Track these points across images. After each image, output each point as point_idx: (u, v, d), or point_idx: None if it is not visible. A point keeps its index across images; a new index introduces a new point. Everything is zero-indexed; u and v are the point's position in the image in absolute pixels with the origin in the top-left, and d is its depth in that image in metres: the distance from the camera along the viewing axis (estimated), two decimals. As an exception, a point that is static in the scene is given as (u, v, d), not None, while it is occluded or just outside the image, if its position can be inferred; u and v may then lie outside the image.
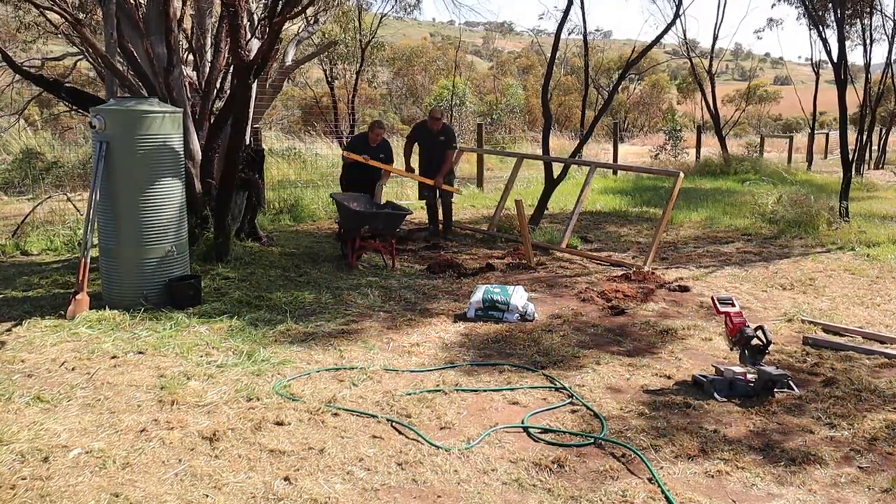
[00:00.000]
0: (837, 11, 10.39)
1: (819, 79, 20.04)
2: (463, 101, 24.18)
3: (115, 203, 5.50)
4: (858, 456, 3.44)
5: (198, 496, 2.98)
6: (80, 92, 7.77)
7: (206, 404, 3.83)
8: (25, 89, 16.35)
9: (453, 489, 3.10)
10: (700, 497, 3.07)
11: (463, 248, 8.15)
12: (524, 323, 5.44)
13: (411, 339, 5.03)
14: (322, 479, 3.14)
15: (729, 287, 6.55)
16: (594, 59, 25.11)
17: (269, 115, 19.38)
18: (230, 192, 6.88)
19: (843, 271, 7.17)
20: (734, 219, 10.07)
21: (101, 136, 5.42)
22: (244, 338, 4.89)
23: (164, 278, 5.61)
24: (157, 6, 7.09)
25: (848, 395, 4.13)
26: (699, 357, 4.77)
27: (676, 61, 33.75)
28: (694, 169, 16.85)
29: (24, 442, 3.35)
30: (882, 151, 21.50)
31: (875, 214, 10.38)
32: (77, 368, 4.30)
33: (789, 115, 39.52)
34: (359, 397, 4.00)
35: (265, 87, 9.19)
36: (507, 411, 3.90)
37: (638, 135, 29.19)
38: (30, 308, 5.51)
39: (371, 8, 20.36)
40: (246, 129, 7.62)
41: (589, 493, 3.08)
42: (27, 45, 16.18)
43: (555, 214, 10.37)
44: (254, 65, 6.55)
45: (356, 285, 6.38)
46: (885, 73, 18.77)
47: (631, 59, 10.49)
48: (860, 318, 5.64)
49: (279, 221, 9.48)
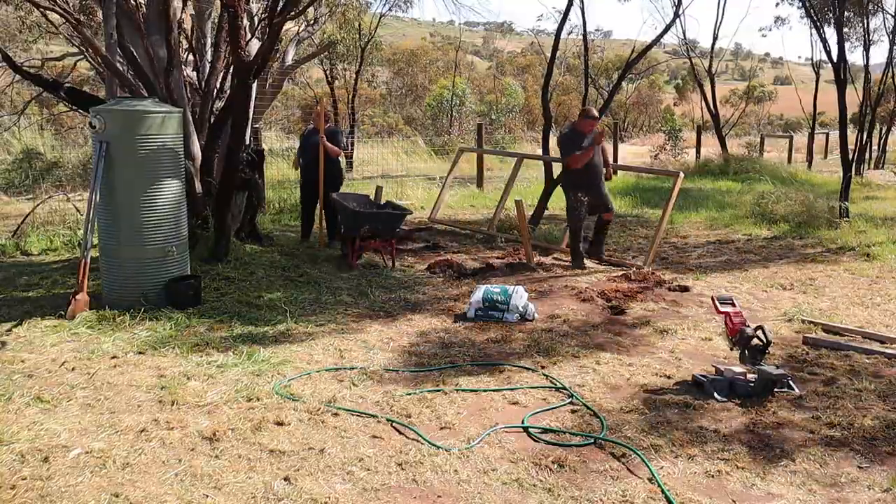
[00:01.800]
0: (837, 11, 10.40)
1: (819, 79, 20.03)
2: (463, 101, 24.19)
3: (115, 203, 5.50)
4: (858, 456, 3.44)
5: (198, 496, 2.98)
6: (80, 92, 7.77)
7: (206, 404, 3.83)
8: (25, 89, 16.36)
9: (453, 489, 3.10)
10: (700, 497, 3.08)
11: (463, 248, 8.15)
12: (524, 323, 5.44)
13: (411, 339, 5.03)
14: (322, 479, 3.14)
15: (729, 287, 6.55)
16: (594, 59, 25.11)
17: (269, 115, 19.40)
18: (230, 192, 6.88)
19: (843, 271, 7.17)
20: (734, 219, 10.07)
21: (101, 136, 5.42)
22: (244, 338, 4.89)
23: (164, 278, 5.61)
24: (157, 6, 7.08)
25: (848, 395, 4.13)
26: (699, 357, 4.77)
27: (676, 61, 33.76)
28: (694, 169, 16.84)
29: (24, 442, 3.35)
30: (882, 151, 21.48)
31: (875, 214, 10.38)
32: (77, 368, 4.30)
33: (790, 116, 39.51)
34: (359, 397, 4.01)
35: (265, 87, 9.19)
36: (508, 411, 3.90)
37: (638, 135, 29.21)
38: (30, 308, 5.51)
39: (370, 8, 20.35)
40: (246, 130, 7.62)
41: (589, 493, 3.08)
42: (27, 45, 16.19)
43: (555, 214, 10.37)
44: (253, 65, 6.55)
45: (356, 285, 6.38)
46: (886, 72, 18.77)
47: (630, 60, 10.49)
48: (860, 318, 5.64)
49: (279, 221, 9.48)
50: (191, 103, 7.51)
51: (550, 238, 8.54)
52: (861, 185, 14.20)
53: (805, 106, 20.98)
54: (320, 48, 14.85)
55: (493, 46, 68.27)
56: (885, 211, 10.79)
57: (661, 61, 32.62)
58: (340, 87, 21.16)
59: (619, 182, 14.55)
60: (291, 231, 8.92)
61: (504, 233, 8.84)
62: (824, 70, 18.27)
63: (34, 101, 15.59)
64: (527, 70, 37.74)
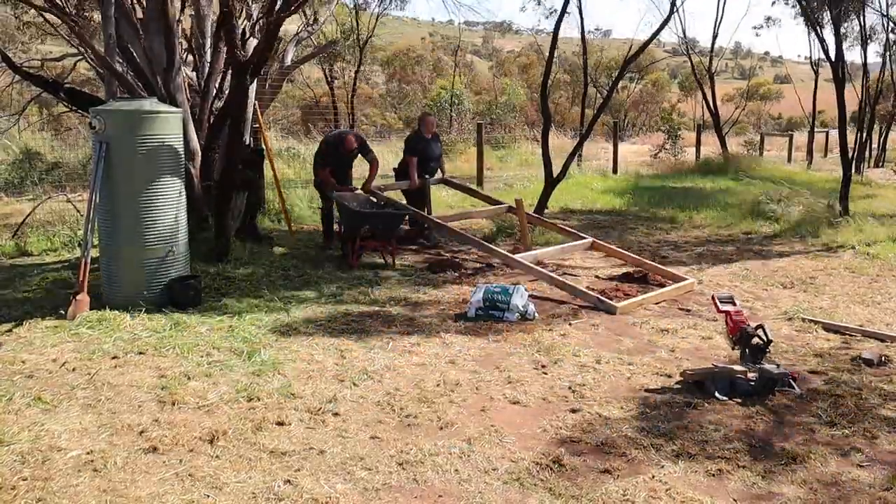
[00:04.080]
0: (832, 11, 10.39)
1: (818, 77, 20.03)
2: (461, 101, 24.17)
3: (115, 203, 5.50)
4: (859, 455, 3.44)
5: (198, 496, 2.98)
6: (80, 92, 7.76)
7: (207, 404, 3.83)
8: (25, 90, 16.34)
9: (454, 489, 3.10)
10: (701, 496, 3.07)
11: (463, 249, 8.15)
12: (524, 322, 5.44)
13: (411, 338, 5.03)
14: (323, 478, 3.14)
15: (729, 286, 6.55)
16: (593, 57, 25.11)
17: (269, 115, 19.36)
18: (230, 192, 6.88)
19: (843, 270, 7.17)
20: (734, 217, 10.07)
21: (100, 136, 5.42)
22: (244, 338, 4.89)
23: (164, 278, 5.61)
24: (157, 7, 7.08)
25: (848, 393, 4.13)
26: (699, 356, 4.76)
27: (676, 60, 33.78)
28: (693, 168, 16.84)
29: (24, 443, 3.35)
30: (882, 150, 21.50)
31: (875, 213, 10.37)
32: (77, 369, 4.30)
33: (790, 114, 39.51)
34: (359, 397, 4.00)
35: (265, 87, 9.19)
36: (508, 411, 3.90)
37: (638, 134, 29.19)
38: (30, 308, 5.51)
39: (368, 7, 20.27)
40: (245, 129, 7.62)
41: (589, 493, 3.08)
42: (26, 45, 16.17)
43: (555, 214, 10.37)
44: (251, 64, 6.55)
45: (356, 285, 6.38)
46: (883, 70, 18.77)
47: (628, 57, 10.49)
48: (860, 317, 5.64)
49: (279, 221, 9.47)
50: (190, 103, 7.51)
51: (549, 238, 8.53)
52: (861, 183, 14.21)
53: (805, 105, 20.98)
54: (320, 48, 14.84)
55: (492, 46, 68.22)
56: (885, 209, 10.79)
57: (659, 59, 32.63)
58: (340, 88, 21.17)
59: (619, 182, 14.55)
60: (292, 231, 8.92)
61: (504, 232, 8.83)
62: (823, 69, 18.28)
63: (34, 102, 15.57)
64: (527, 69, 37.74)
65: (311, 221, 9.65)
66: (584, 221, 9.96)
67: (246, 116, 7.59)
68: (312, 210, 9.71)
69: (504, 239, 8.57)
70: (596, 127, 14.35)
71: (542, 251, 7.11)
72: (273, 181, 9.04)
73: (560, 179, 9.70)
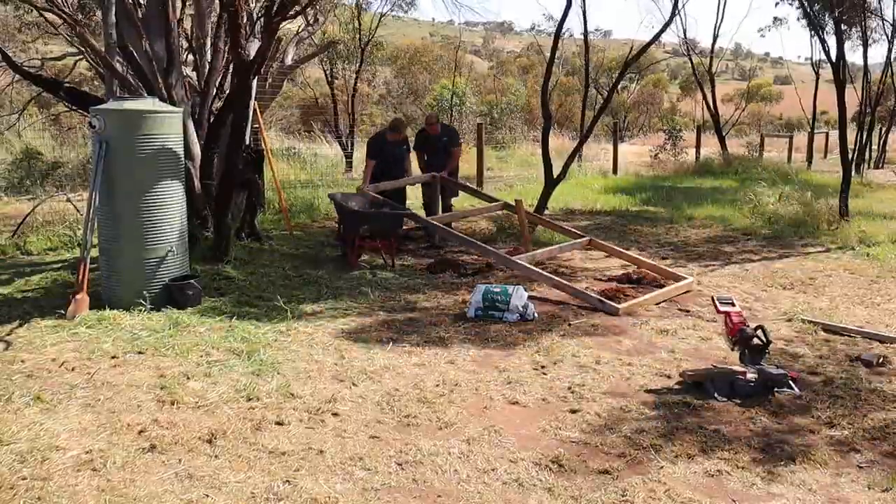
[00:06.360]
0: (835, 12, 10.40)
1: (819, 78, 20.03)
2: (463, 101, 24.15)
3: (115, 203, 5.49)
4: (858, 455, 3.44)
5: (198, 496, 2.98)
6: (80, 92, 7.77)
7: (206, 404, 3.83)
8: (25, 89, 16.35)
9: (454, 489, 3.10)
10: (700, 496, 3.07)
11: (463, 249, 8.14)
12: (524, 323, 5.44)
13: (411, 338, 5.03)
14: (322, 478, 3.14)
15: (729, 286, 6.55)
16: (594, 58, 25.10)
17: (269, 115, 19.37)
18: (230, 192, 6.88)
19: (843, 270, 7.17)
20: (734, 218, 10.07)
21: (100, 136, 5.42)
22: (243, 338, 4.89)
23: (164, 278, 5.61)
24: (157, 6, 7.09)
25: (848, 394, 4.13)
26: (699, 357, 4.76)
27: (676, 60, 33.80)
28: (694, 169, 16.84)
29: (23, 442, 3.35)
30: (882, 150, 21.49)
31: (875, 213, 10.38)
32: (77, 369, 4.30)
33: (790, 115, 39.51)
34: (359, 397, 4.00)
35: (265, 87, 9.19)
36: (508, 411, 3.90)
37: (638, 134, 29.20)
38: (30, 308, 5.50)
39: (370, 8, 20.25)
40: (245, 129, 7.63)
41: (589, 493, 3.08)
42: (26, 45, 16.18)
43: (555, 214, 10.37)
44: (253, 64, 6.55)
45: (356, 285, 6.38)
46: (885, 72, 18.78)
47: (629, 58, 10.47)
48: (860, 318, 5.64)
49: (279, 221, 9.47)
50: (190, 103, 7.51)
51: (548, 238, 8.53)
52: (861, 184, 14.21)
53: (805, 105, 20.99)
54: (320, 48, 14.83)
55: (492, 46, 68.29)
56: (886, 210, 10.80)
57: (660, 59, 32.63)
58: (340, 87, 21.14)
59: (619, 181, 14.56)
60: (292, 231, 8.92)
61: (505, 233, 8.83)
62: (824, 70, 18.28)
63: (34, 101, 15.58)
64: (528, 70, 37.76)
65: (315, 220, 9.67)
66: (585, 221, 9.96)
67: (246, 116, 7.58)
68: (312, 210, 9.74)
69: (505, 239, 8.56)
70: (597, 128, 14.35)
71: (540, 251, 7.12)
72: (273, 181, 9.06)
73: (560, 180, 9.69)
